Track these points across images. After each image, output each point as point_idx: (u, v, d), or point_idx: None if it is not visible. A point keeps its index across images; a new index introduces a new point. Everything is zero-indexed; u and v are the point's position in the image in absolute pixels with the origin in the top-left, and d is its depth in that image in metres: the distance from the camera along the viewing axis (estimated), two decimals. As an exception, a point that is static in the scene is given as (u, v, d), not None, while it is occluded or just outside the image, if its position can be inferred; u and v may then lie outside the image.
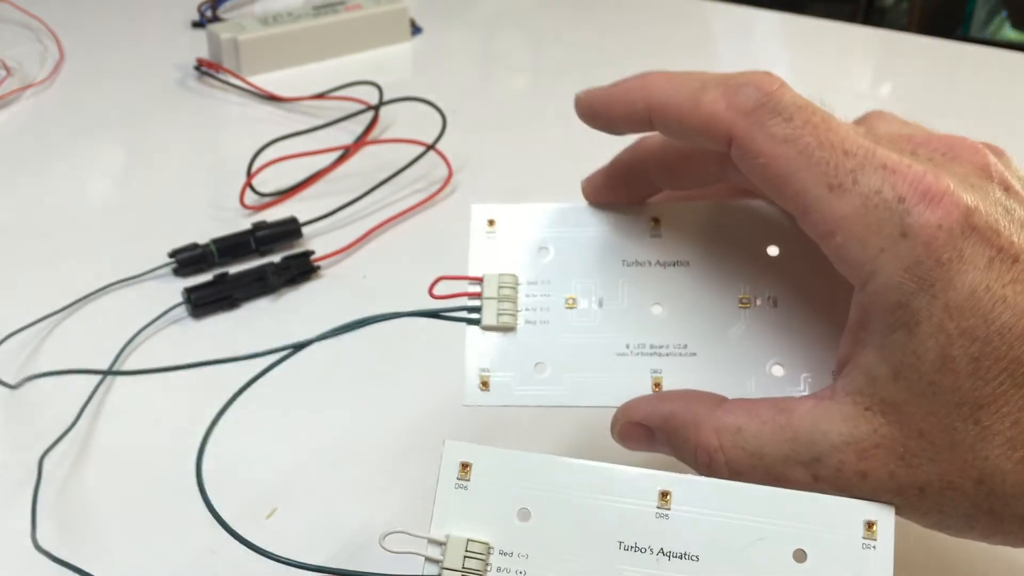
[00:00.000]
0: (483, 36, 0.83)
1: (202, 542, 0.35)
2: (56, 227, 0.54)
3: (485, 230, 0.30)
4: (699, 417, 0.26)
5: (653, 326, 0.28)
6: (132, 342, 0.45)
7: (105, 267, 0.50)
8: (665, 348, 0.28)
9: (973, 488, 0.24)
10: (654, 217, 0.30)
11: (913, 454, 0.24)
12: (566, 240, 0.30)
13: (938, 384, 0.23)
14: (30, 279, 0.49)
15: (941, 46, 0.77)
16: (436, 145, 0.58)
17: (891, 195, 0.23)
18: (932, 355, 0.23)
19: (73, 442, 0.40)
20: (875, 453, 0.24)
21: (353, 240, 0.52)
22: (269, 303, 0.48)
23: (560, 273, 0.29)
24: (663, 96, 0.27)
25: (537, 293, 0.29)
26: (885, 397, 0.24)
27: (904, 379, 0.24)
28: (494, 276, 0.29)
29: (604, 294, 0.29)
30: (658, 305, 0.29)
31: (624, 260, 0.29)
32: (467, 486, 0.25)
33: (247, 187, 0.54)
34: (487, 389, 0.29)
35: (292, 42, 0.72)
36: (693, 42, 0.81)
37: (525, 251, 0.30)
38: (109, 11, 0.84)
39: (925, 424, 0.24)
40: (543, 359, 0.29)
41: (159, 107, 0.68)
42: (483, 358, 0.29)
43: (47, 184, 0.59)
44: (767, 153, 0.25)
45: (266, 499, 0.37)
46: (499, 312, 0.29)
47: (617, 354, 0.28)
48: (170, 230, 0.51)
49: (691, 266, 0.29)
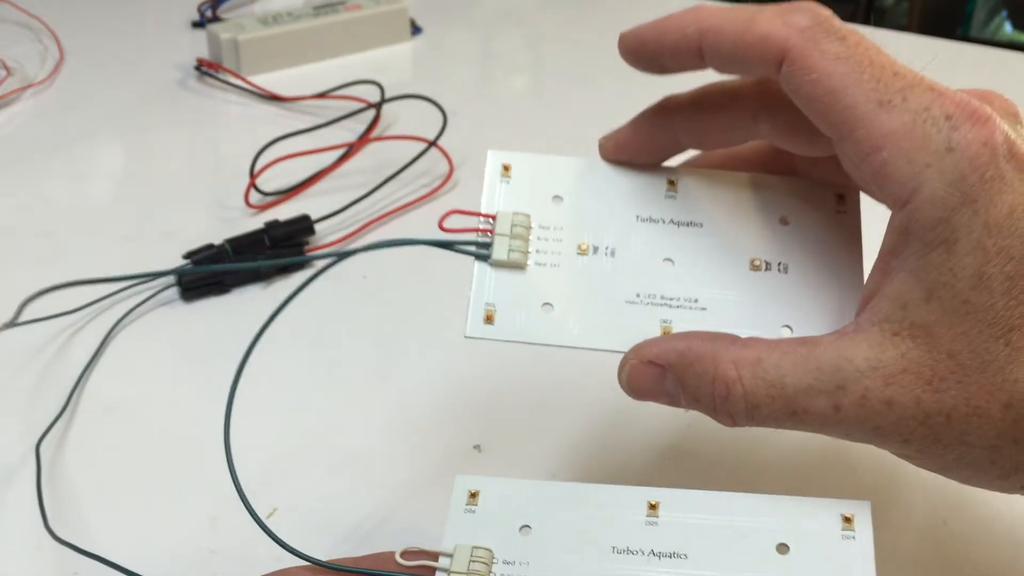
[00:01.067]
0: (483, 36, 0.83)
1: (202, 543, 0.35)
2: (57, 227, 0.54)
3: (500, 175, 0.30)
4: (717, 349, 0.26)
5: (664, 279, 0.28)
6: (120, 323, 0.46)
7: (109, 268, 0.50)
8: (676, 300, 0.28)
9: (1000, 412, 0.23)
10: (670, 180, 0.30)
11: (941, 377, 0.24)
12: (581, 191, 0.29)
13: (972, 303, 0.23)
14: (31, 279, 0.49)
15: (941, 46, 0.77)
16: (437, 142, 0.58)
17: (939, 113, 0.24)
18: (969, 271, 0.23)
19: (66, 428, 0.40)
20: (902, 378, 0.24)
21: (349, 233, 0.52)
22: (259, 290, 0.49)
23: (573, 221, 0.29)
24: (716, 20, 0.27)
25: (549, 237, 0.29)
26: (915, 320, 0.24)
27: (937, 299, 0.24)
28: (507, 214, 0.29)
29: (617, 244, 0.29)
30: (670, 261, 0.29)
31: (638, 215, 0.29)
32: (475, 511, 0.27)
33: (251, 186, 0.54)
34: (491, 323, 0.28)
35: (292, 42, 0.72)
36: (693, 42, 0.81)
37: (539, 198, 0.29)
38: (109, 11, 0.84)
39: (956, 345, 0.23)
40: (551, 299, 0.28)
41: (159, 107, 0.68)
42: (489, 292, 0.28)
43: (47, 184, 0.59)
44: (820, 68, 0.25)
45: (266, 499, 0.37)
46: (510, 249, 0.28)
47: (627, 301, 0.28)
48: (173, 230, 0.51)
49: (704, 228, 0.29)
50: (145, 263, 0.49)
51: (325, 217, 0.53)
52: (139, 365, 0.44)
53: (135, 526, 0.36)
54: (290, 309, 0.48)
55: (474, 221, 0.29)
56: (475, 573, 0.25)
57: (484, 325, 0.28)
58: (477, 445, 0.39)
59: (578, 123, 0.66)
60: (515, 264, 0.28)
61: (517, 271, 0.28)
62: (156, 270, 0.49)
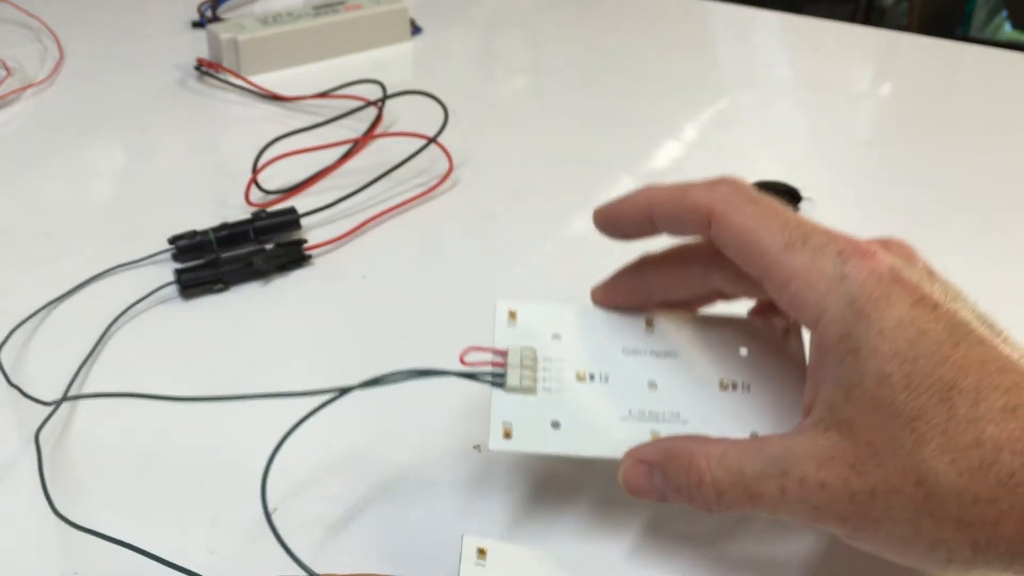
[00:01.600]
0: (483, 36, 0.83)
1: (201, 543, 0.35)
2: (57, 227, 0.54)
3: (508, 320, 0.35)
4: (693, 447, 0.32)
5: (650, 399, 0.34)
6: (119, 319, 0.46)
7: (107, 267, 0.50)
8: (662, 415, 0.34)
9: (913, 489, 0.28)
10: (648, 319, 0.36)
11: (862, 462, 0.29)
12: (576, 331, 0.35)
13: (879, 398, 0.28)
14: (30, 279, 0.49)
15: (941, 46, 0.77)
16: (437, 139, 0.58)
17: (832, 250, 0.30)
18: (872, 373, 0.28)
19: (63, 421, 0.40)
20: (831, 463, 0.29)
21: (347, 230, 0.52)
22: (259, 288, 0.49)
23: (571, 354, 0.35)
24: (660, 194, 0.34)
25: (552, 367, 0.34)
26: (840, 417, 0.29)
27: (854, 398, 0.29)
28: (517, 348, 0.34)
29: (609, 372, 0.35)
30: (653, 384, 0.34)
31: (624, 348, 0.35)
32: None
33: (252, 183, 0.55)
34: (509, 437, 0.33)
35: (292, 42, 0.72)
36: (693, 42, 0.81)
37: (542, 336, 0.35)
38: (109, 11, 0.84)
39: (871, 435, 0.28)
40: (558, 418, 0.33)
41: (159, 107, 0.68)
42: (506, 413, 0.33)
43: (47, 184, 0.59)
44: (738, 224, 0.31)
45: (267, 499, 0.37)
46: (522, 377, 0.34)
47: (620, 417, 0.34)
48: (174, 229, 0.51)
49: (679, 357, 0.35)
50: (145, 263, 0.50)
51: (313, 211, 0.53)
52: (138, 361, 0.44)
53: (135, 525, 0.36)
54: (291, 309, 0.49)
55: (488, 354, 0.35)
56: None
57: (503, 440, 0.33)
58: (477, 445, 0.39)
59: (577, 124, 0.66)
60: (526, 389, 0.34)
61: (529, 395, 0.34)
62: (157, 272, 0.49)
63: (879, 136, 0.66)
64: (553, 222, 0.55)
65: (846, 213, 0.56)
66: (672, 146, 0.64)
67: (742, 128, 0.66)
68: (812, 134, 0.66)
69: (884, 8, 1.91)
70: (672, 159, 0.62)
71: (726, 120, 0.67)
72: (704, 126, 0.66)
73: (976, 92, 0.71)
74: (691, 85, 0.72)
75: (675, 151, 0.63)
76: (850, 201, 0.57)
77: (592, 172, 0.60)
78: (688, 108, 0.68)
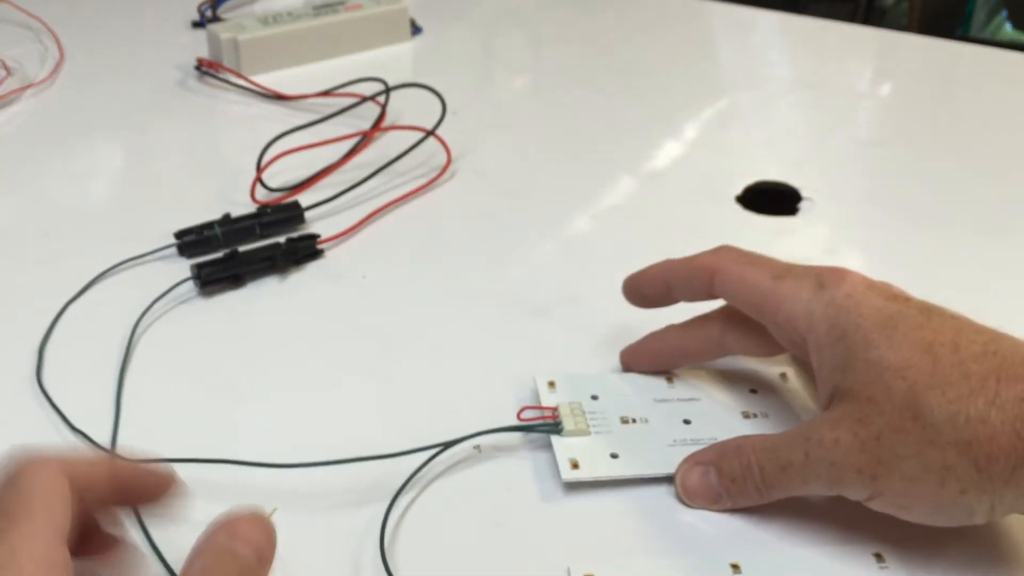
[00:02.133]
0: (483, 36, 0.83)
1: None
2: (57, 227, 0.54)
3: (547, 388, 0.41)
4: (740, 440, 0.37)
5: (688, 430, 0.40)
6: (143, 318, 0.46)
7: (111, 265, 0.50)
8: (701, 441, 0.39)
9: (912, 424, 0.32)
10: (668, 377, 0.43)
11: (866, 414, 0.33)
12: (609, 390, 0.41)
13: (869, 360, 0.33)
14: (30, 280, 0.49)
15: (941, 46, 0.77)
16: (435, 131, 0.59)
17: (812, 274, 0.37)
18: (860, 343, 0.34)
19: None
20: (841, 422, 0.33)
21: (353, 224, 0.53)
22: (274, 282, 0.49)
23: (611, 407, 0.40)
24: (674, 263, 0.41)
25: (597, 417, 0.40)
26: (843, 388, 0.34)
27: (849, 369, 0.34)
28: (566, 403, 0.40)
29: (648, 416, 0.40)
30: (688, 420, 0.40)
31: (654, 399, 0.41)
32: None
33: (257, 181, 0.55)
34: (577, 468, 0.38)
35: (292, 42, 0.72)
36: (693, 42, 0.81)
37: (582, 396, 0.41)
38: (109, 11, 0.84)
39: (870, 391, 0.33)
40: (616, 450, 0.38)
41: (160, 107, 0.68)
42: (569, 452, 0.38)
43: (48, 184, 0.59)
44: (736, 271, 0.39)
45: (266, 500, 0.37)
46: (576, 422, 0.39)
47: (668, 445, 0.39)
48: (176, 228, 0.51)
49: (702, 400, 0.41)
50: (145, 263, 0.50)
51: (316, 205, 0.54)
52: (170, 367, 0.44)
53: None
54: (295, 290, 0.49)
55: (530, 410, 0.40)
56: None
57: (572, 471, 0.37)
58: (477, 445, 0.39)
59: (577, 124, 0.66)
60: (581, 432, 0.39)
61: (584, 436, 0.39)
62: (164, 268, 0.49)
63: (879, 136, 0.66)
64: (552, 221, 0.55)
65: (846, 213, 0.56)
66: (672, 146, 0.64)
67: (742, 128, 0.66)
68: (812, 134, 0.66)
69: (884, 8, 1.91)
70: (672, 159, 0.62)
71: (726, 120, 0.67)
72: (704, 126, 0.66)
73: (976, 92, 0.71)
74: (691, 85, 0.72)
75: (675, 151, 0.63)
76: (850, 201, 0.57)
77: (592, 171, 0.60)
78: (688, 108, 0.68)
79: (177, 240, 0.51)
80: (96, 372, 0.43)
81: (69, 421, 0.41)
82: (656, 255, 0.41)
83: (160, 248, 0.51)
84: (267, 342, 0.46)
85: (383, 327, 0.47)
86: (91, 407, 0.41)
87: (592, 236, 0.54)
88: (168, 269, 0.50)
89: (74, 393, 0.42)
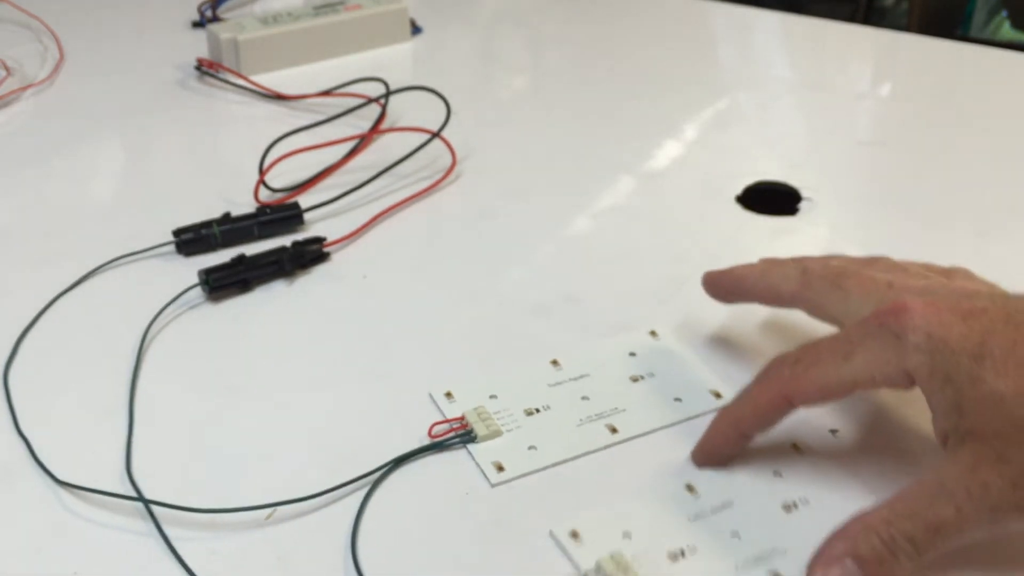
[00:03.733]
0: (483, 36, 0.83)
1: (203, 545, 0.35)
2: (57, 227, 0.54)
3: (446, 399, 0.41)
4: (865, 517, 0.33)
5: (589, 406, 0.41)
6: (154, 324, 0.46)
7: (104, 262, 0.50)
8: (604, 412, 0.41)
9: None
10: (552, 361, 0.44)
11: (1002, 451, 0.31)
12: (503, 386, 0.42)
13: (981, 395, 0.32)
14: (30, 280, 0.49)
15: (941, 46, 0.77)
16: (441, 133, 0.59)
17: (878, 331, 0.34)
18: (965, 382, 0.32)
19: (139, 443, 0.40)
20: (981, 466, 0.31)
21: (359, 226, 0.53)
22: (281, 286, 0.49)
23: (511, 404, 0.41)
24: (742, 413, 0.38)
25: (503, 415, 0.41)
26: (963, 431, 0.32)
27: (964, 412, 0.32)
28: (471, 409, 0.41)
29: (548, 403, 0.41)
30: (584, 396, 0.42)
31: (548, 384, 0.42)
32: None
33: (261, 182, 0.55)
34: (503, 470, 0.38)
35: (292, 42, 0.72)
36: (693, 42, 0.81)
37: (480, 399, 0.41)
38: (109, 11, 0.84)
39: (995, 426, 0.32)
40: (532, 443, 0.39)
41: (160, 107, 0.68)
42: (490, 456, 0.39)
43: (48, 184, 0.59)
44: (810, 389, 0.36)
45: (267, 499, 0.37)
46: (487, 426, 0.40)
47: (576, 425, 0.40)
48: (176, 227, 0.51)
49: (591, 375, 0.43)
50: (145, 263, 0.50)
51: (317, 206, 0.54)
52: (181, 369, 0.44)
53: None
54: (303, 294, 0.49)
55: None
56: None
57: (499, 474, 0.38)
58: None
59: (577, 125, 0.66)
60: (495, 434, 0.40)
61: (497, 437, 0.40)
62: (162, 266, 0.49)
63: (879, 136, 0.66)
64: (552, 221, 0.55)
65: (846, 213, 0.56)
66: (672, 146, 0.64)
67: (742, 128, 0.66)
68: (812, 134, 0.66)
69: (884, 8, 1.91)
70: (672, 159, 0.62)
71: (726, 120, 0.67)
72: (704, 126, 0.66)
73: (976, 92, 0.71)
74: (691, 85, 0.71)
75: (675, 151, 0.63)
76: (850, 201, 0.57)
77: (592, 171, 0.60)
78: (688, 108, 0.68)
79: (175, 238, 0.51)
80: (73, 373, 0.43)
81: (17, 423, 0.40)
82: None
83: (158, 245, 0.51)
84: (276, 346, 0.46)
85: (389, 329, 0.47)
86: (54, 411, 0.41)
87: (592, 236, 0.54)
88: (165, 267, 0.50)
89: (39, 393, 0.42)
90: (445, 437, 0.40)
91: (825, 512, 0.34)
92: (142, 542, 0.35)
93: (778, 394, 0.36)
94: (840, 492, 0.37)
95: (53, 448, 0.39)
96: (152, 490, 0.37)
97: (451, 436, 0.40)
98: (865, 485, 0.37)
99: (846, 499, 0.36)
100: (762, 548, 0.34)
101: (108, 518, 0.36)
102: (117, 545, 0.35)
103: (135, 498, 0.36)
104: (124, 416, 0.41)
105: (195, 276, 0.48)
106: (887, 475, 0.37)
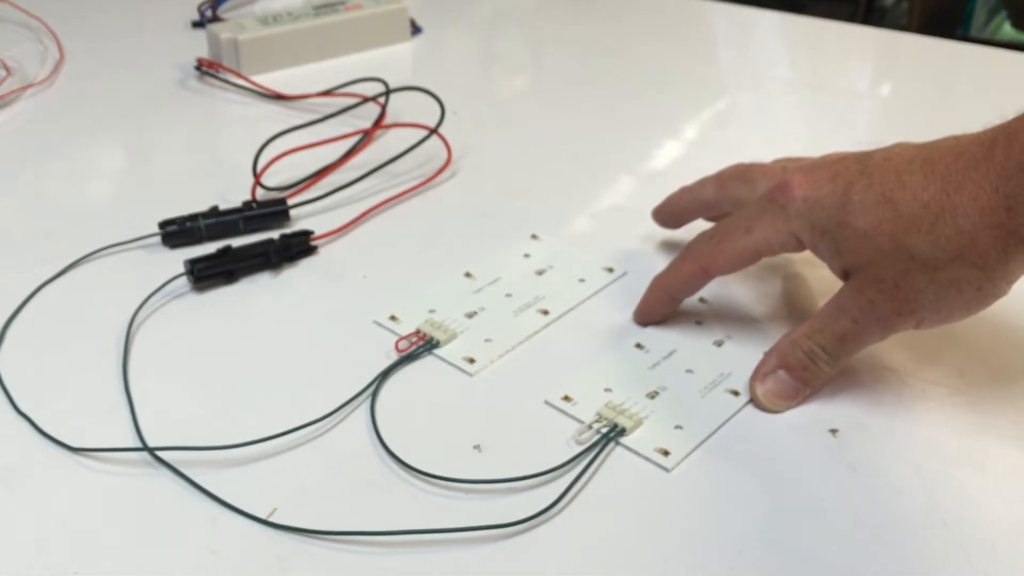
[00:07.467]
0: (483, 36, 0.83)
1: (202, 543, 0.35)
2: (57, 227, 0.54)
3: (393, 323, 0.46)
4: (787, 338, 0.42)
5: (520, 296, 0.48)
6: (138, 314, 0.46)
7: (110, 268, 0.50)
8: (534, 299, 0.47)
9: (912, 263, 0.37)
10: (466, 273, 0.49)
11: (876, 273, 0.38)
12: (434, 302, 0.47)
13: (850, 237, 0.39)
14: (31, 279, 0.49)
15: (941, 46, 0.77)
16: (438, 130, 0.59)
17: (770, 205, 0.42)
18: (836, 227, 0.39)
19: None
20: (863, 286, 0.39)
21: (348, 220, 0.53)
22: (266, 278, 0.50)
23: (452, 312, 0.47)
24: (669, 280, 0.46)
25: (453, 323, 0.46)
26: (845, 265, 0.40)
27: (843, 251, 0.39)
28: (424, 322, 0.46)
29: (482, 305, 0.47)
30: (509, 295, 0.48)
31: (472, 291, 0.48)
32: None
33: (258, 183, 0.55)
34: (474, 362, 0.44)
35: (292, 42, 0.72)
36: (693, 42, 0.81)
37: (425, 316, 0.46)
38: (109, 11, 0.84)
39: (866, 256, 0.38)
40: (487, 336, 0.45)
41: (160, 106, 0.68)
42: (460, 352, 0.44)
43: (48, 184, 0.59)
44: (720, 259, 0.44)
45: (267, 498, 0.37)
46: (444, 332, 0.45)
47: (514, 314, 0.47)
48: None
49: (502, 279, 0.49)
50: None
51: (307, 202, 0.54)
52: (168, 362, 0.44)
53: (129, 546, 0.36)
54: (288, 286, 0.49)
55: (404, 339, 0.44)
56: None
57: (471, 365, 0.43)
58: (477, 445, 0.39)
59: (577, 125, 0.66)
60: (451, 336, 0.45)
61: (455, 339, 0.45)
62: (148, 257, 0.50)
63: (879, 136, 0.65)
64: (551, 221, 0.55)
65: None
66: (672, 146, 0.64)
67: (742, 128, 0.66)
68: (812, 134, 0.66)
69: (884, 8, 1.91)
70: (672, 159, 0.62)
71: (726, 120, 0.67)
72: (704, 126, 0.66)
73: (976, 92, 0.71)
74: (691, 85, 0.71)
75: (675, 151, 0.63)
76: (850, 201, 0.57)
77: (592, 171, 0.60)
78: (688, 108, 0.68)
79: (160, 230, 0.51)
80: (61, 356, 0.44)
81: (14, 402, 0.41)
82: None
83: (143, 236, 0.51)
84: (259, 337, 0.46)
85: (375, 321, 0.47)
86: (46, 391, 0.42)
87: (592, 236, 0.54)
88: (150, 258, 0.51)
89: (30, 375, 0.43)
90: (413, 348, 0.44)
91: (744, 339, 0.45)
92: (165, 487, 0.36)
93: (697, 266, 0.44)
94: (750, 326, 0.46)
95: (56, 424, 0.40)
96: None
97: (418, 346, 0.44)
98: (769, 319, 0.47)
99: (756, 330, 0.45)
100: (713, 375, 0.43)
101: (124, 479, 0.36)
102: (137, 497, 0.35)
103: (157, 448, 0.39)
104: (119, 393, 0.42)
105: (181, 267, 0.49)
106: (780, 315, 0.47)
